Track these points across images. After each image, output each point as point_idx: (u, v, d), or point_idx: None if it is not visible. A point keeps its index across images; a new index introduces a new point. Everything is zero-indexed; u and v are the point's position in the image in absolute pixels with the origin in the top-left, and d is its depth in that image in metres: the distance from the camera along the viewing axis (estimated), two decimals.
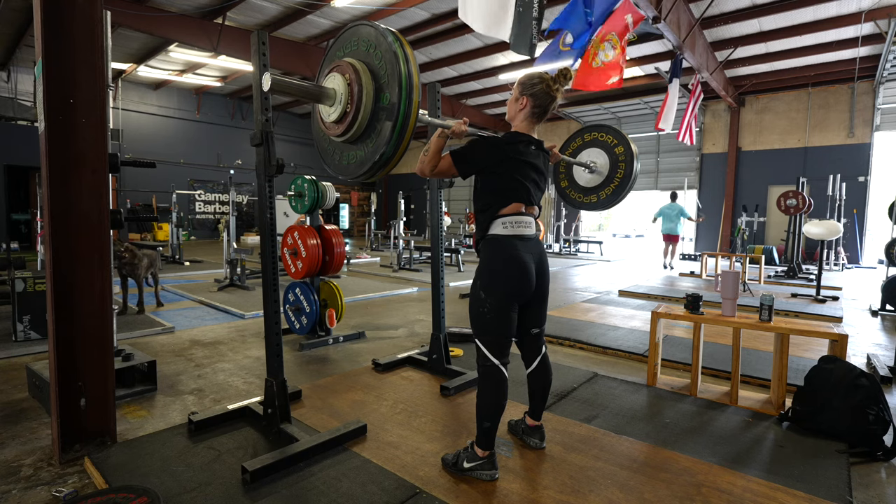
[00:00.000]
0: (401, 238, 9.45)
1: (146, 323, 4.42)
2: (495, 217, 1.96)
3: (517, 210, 1.97)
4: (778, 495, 1.86)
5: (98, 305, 2.15)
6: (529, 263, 1.94)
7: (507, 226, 1.95)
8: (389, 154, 1.85)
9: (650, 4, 6.66)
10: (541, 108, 2.00)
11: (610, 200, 3.11)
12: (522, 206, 1.98)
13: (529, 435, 2.22)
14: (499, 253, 1.94)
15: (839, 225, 6.26)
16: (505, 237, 1.94)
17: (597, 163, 3.07)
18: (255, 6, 8.79)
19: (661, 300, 6.21)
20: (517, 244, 1.94)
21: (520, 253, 1.93)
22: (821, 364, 2.52)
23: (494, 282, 1.92)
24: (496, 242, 1.95)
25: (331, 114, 1.99)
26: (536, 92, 1.98)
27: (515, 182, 1.96)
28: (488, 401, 1.91)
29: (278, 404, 2.25)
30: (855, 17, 8.27)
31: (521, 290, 1.94)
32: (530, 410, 2.21)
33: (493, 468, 1.93)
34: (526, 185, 1.98)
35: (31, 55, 10.73)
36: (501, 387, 1.91)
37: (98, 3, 2.10)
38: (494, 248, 1.95)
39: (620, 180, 3.02)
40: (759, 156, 12.64)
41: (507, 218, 1.95)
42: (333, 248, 3.85)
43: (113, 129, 8.58)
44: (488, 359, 1.92)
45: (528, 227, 1.98)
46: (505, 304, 1.92)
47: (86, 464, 2.04)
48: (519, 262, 1.92)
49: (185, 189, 14.34)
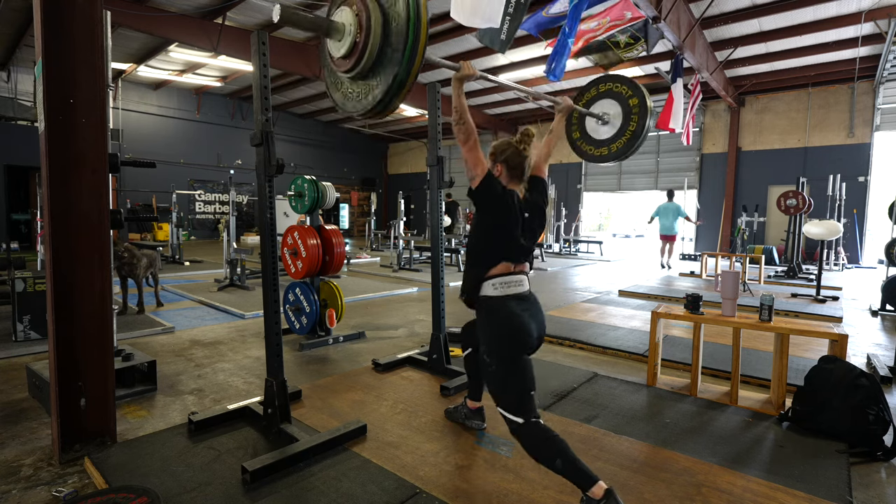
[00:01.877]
0: (401, 238, 9.45)
1: (146, 323, 4.42)
2: (484, 278, 1.94)
3: (506, 270, 1.95)
4: (778, 495, 1.86)
5: (98, 305, 2.15)
6: (526, 320, 1.89)
7: (498, 287, 1.92)
8: (403, 76, 1.78)
9: (650, 4, 6.66)
10: (517, 169, 2.04)
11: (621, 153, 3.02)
12: (511, 265, 1.96)
13: (472, 418, 2.35)
14: (494, 316, 1.90)
15: (839, 225, 6.26)
16: (498, 298, 1.91)
17: (610, 114, 3.01)
18: (255, 6, 8.78)
19: (661, 300, 6.21)
20: (511, 304, 1.90)
21: (515, 311, 1.89)
22: (821, 364, 2.52)
23: (496, 344, 1.86)
24: (490, 306, 1.92)
25: (340, 48, 1.93)
26: (508, 156, 2.03)
27: (508, 238, 1.95)
28: (549, 456, 1.70)
29: (278, 404, 2.25)
30: (855, 17, 8.27)
31: (523, 344, 1.87)
32: (471, 393, 2.38)
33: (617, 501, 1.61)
34: (521, 245, 1.97)
35: (31, 55, 10.73)
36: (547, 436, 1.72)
37: (98, 3, 2.10)
38: (490, 312, 1.91)
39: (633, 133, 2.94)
40: (759, 156, 12.64)
41: (497, 279, 1.93)
42: (333, 248, 3.85)
43: (113, 129, 8.57)
44: (517, 423, 1.76)
45: (519, 286, 1.95)
46: (515, 356, 1.84)
47: (86, 464, 2.04)
48: (516, 321, 1.87)
49: (185, 189, 14.32)
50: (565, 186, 15.88)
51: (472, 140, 1.93)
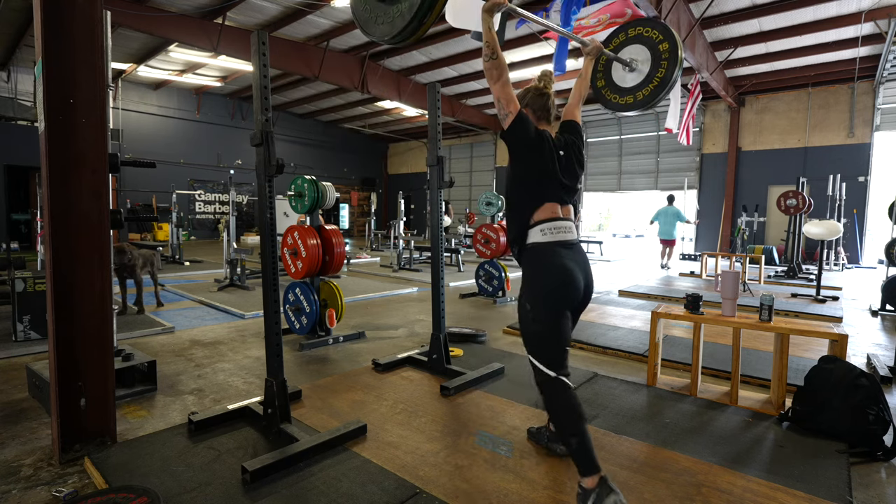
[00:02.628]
0: (401, 238, 9.45)
1: (146, 323, 4.42)
2: (531, 224, 1.90)
3: (553, 213, 1.91)
4: (778, 495, 1.86)
5: (98, 305, 2.15)
6: (575, 271, 1.85)
7: (546, 232, 1.88)
8: None
9: (650, 4, 6.66)
10: (543, 109, 2.02)
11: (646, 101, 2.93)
12: (557, 206, 1.93)
13: (556, 441, 2.13)
14: (542, 262, 1.86)
15: (839, 225, 6.26)
16: (546, 244, 1.87)
17: (638, 60, 2.94)
18: (255, 6, 8.79)
19: (661, 300, 6.21)
20: (560, 251, 1.87)
21: (564, 261, 1.85)
22: (821, 364, 2.52)
23: (540, 292, 1.83)
24: (538, 251, 1.88)
25: None
26: (530, 99, 2.02)
27: (548, 178, 1.91)
28: (565, 418, 1.72)
29: (278, 404, 2.25)
30: (855, 17, 8.27)
31: (568, 298, 1.85)
32: None
33: (613, 490, 1.62)
34: (561, 183, 1.94)
35: (31, 55, 10.73)
36: (571, 399, 1.73)
37: (98, 3, 2.10)
38: (537, 258, 1.88)
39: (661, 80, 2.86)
40: (759, 156, 12.64)
41: (545, 224, 1.89)
42: (333, 248, 3.85)
43: (113, 129, 8.57)
44: (545, 374, 1.78)
45: (568, 233, 1.92)
46: (556, 308, 1.82)
47: (86, 464, 2.04)
48: (564, 270, 1.83)
49: (185, 189, 14.33)
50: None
51: (504, 76, 1.86)
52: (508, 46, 9.98)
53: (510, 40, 9.82)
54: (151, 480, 1.89)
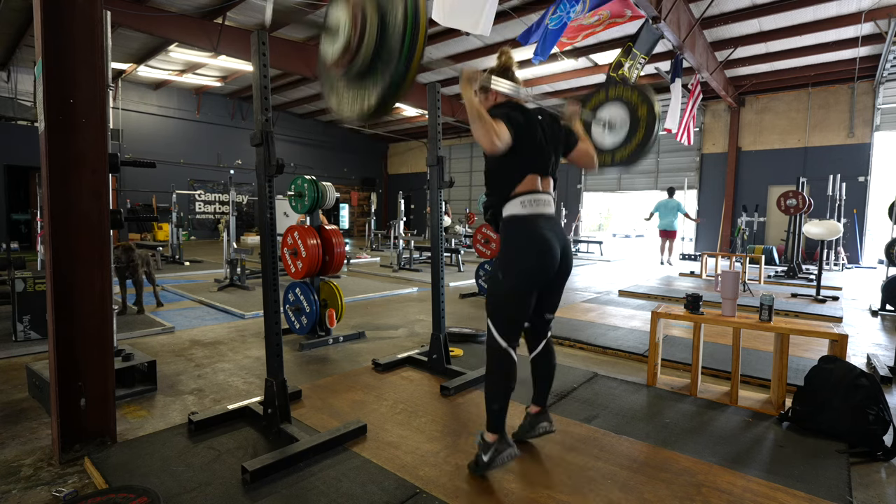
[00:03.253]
0: (401, 238, 9.45)
1: (146, 323, 4.42)
2: (511, 196, 1.92)
3: (533, 185, 1.92)
4: (778, 495, 1.86)
5: (98, 305, 2.15)
6: (553, 242, 1.89)
7: (526, 204, 1.90)
8: (402, 71, 1.65)
9: (650, 4, 6.66)
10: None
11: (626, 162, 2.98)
12: (538, 177, 1.94)
13: (537, 422, 2.17)
14: (520, 232, 1.90)
15: (839, 225, 6.26)
16: (525, 216, 1.90)
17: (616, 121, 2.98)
18: (255, 6, 8.78)
19: (661, 300, 6.21)
20: (539, 223, 1.90)
21: (543, 231, 1.89)
22: (821, 364, 2.52)
23: (516, 262, 1.88)
24: (516, 221, 1.91)
25: (334, 48, 1.83)
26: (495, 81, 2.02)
27: (529, 151, 1.92)
28: (497, 383, 1.92)
29: (278, 404, 2.25)
30: (855, 17, 8.27)
31: (543, 270, 1.89)
32: (535, 396, 2.21)
33: (510, 445, 1.92)
34: (539, 154, 1.95)
35: (31, 55, 10.73)
36: (510, 370, 1.92)
37: (98, 3, 2.10)
38: (516, 227, 1.91)
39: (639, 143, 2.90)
40: (759, 156, 12.64)
41: (525, 196, 1.91)
42: (333, 248, 3.85)
43: (113, 129, 8.58)
44: (497, 341, 1.91)
45: (547, 206, 1.95)
46: (524, 287, 1.89)
47: (86, 464, 2.04)
48: (543, 241, 1.87)
49: (185, 189, 14.33)
50: (565, 186, 15.89)
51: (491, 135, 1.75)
52: (509, 46, 9.96)
53: (510, 40, 9.81)
54: (151, 480, 1.89)
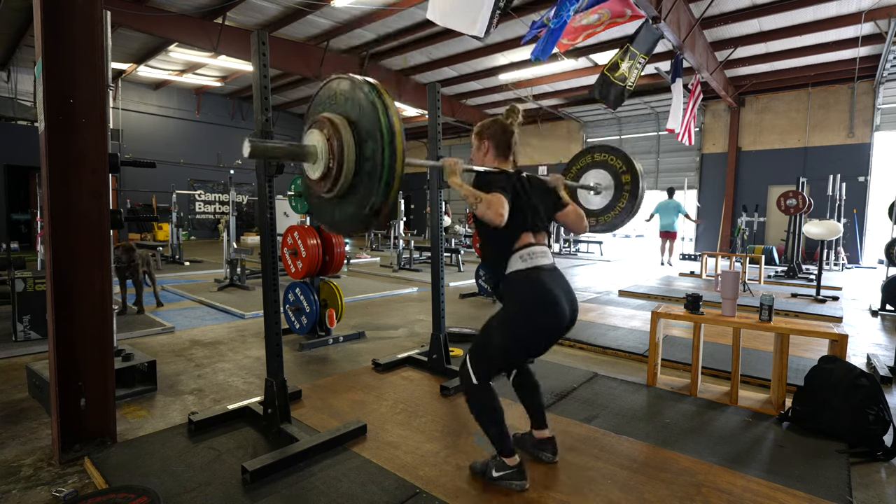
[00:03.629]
0: (401, 238, 9.45)
1: (146, 323, 4.42)
2: (510, 254, 1.87)
3: (527, 241, 1.89)
4: (778, 495, 1.86)
5: (98, 305, 2.15)
6: (559, 296, 1.81)
7: (525, 258, 1.85)
8: (378, 204, 1.74)
9: (650, 4, 6.66)
10: (504, 146, 2.04)
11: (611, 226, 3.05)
12: (531, 235, 1.91)
13: (541, 449, 2.09)
14: (523, 285, 1.82)
15: (839, 225, 6.25)
16: (526, 270, 1.84)
17: (601, 184, 3.03)
18: (255, 6, 8.79)
19: (661, 300, 6.21)
20: (541, 276, 1.83)
21: (546, 284, 1.81)
22: (821, 364, 2.52)
23: (522, 320, 1.80)
24: (519, 278, 1.84)
25: (314, 171, 1.87)
26: (494, 132, 2.03)
27: (520, 211, 1.89)
28: (484, 415, 1.86)
29: (278, 404, 2.25)
30: (855, 17, 8.27)
31: (547, 327, 1.81)
32: (533, 421, 2.11)
33: (523, 478, 1.86)
34: (530, 213, 1.93)
35: (31, 55, 10.73)
36: (491, 398, 1.85)
37: (98, 3, 2.10)
38: (519, 284, 1.83)
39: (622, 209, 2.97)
40: (759, 156, 12.64)
41: (523, 251, 1.86)
42: (333, 248, 3.85)
43: (113, 129, 8.57)
44: (470, 378, 1.85)
45: (544, 257, 1.88)
46: (520, 346, 1.81)
47: (86, 464, 2.04)
48: (546, 293, 1.79)
49: (185, 189, 14.33)
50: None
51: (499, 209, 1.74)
52: (508, 47, 9.99)
53: (510, 40, 9.82)
54: (151, 480, 1.89)
